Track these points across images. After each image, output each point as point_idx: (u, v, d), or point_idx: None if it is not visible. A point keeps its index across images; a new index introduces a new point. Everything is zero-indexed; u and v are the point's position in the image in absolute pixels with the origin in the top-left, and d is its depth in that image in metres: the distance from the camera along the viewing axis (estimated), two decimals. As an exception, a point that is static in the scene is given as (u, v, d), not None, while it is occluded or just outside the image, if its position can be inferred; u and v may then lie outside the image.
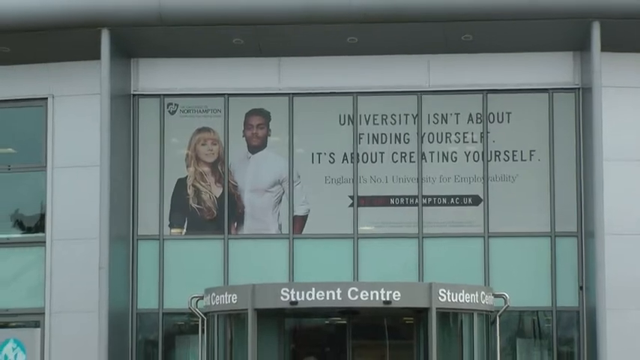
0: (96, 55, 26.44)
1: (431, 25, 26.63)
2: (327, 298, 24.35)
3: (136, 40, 27.48)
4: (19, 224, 28.46)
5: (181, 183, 28.17)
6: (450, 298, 24.87)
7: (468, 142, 27.91)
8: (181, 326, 27.80)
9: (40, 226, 27.89)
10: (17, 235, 28.35)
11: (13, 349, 24.78)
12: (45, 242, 27.46)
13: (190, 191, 28.15)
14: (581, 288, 27.19)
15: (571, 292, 27.30)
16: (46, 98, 27.82)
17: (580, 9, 26.24)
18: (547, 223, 27.53)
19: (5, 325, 26.78)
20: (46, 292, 27.23)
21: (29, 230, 28.26)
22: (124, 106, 27.82)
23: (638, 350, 25.85)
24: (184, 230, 28.13)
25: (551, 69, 27.78)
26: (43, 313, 27.10)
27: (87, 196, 26.67)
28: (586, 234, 27.00)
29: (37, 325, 26.73)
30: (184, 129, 28.30)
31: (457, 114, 27.88)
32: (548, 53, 27.71)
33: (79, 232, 26.90)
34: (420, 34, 27.01)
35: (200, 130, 28.29)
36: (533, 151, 27.75)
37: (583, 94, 27.40)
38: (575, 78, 27.68)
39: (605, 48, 26.15)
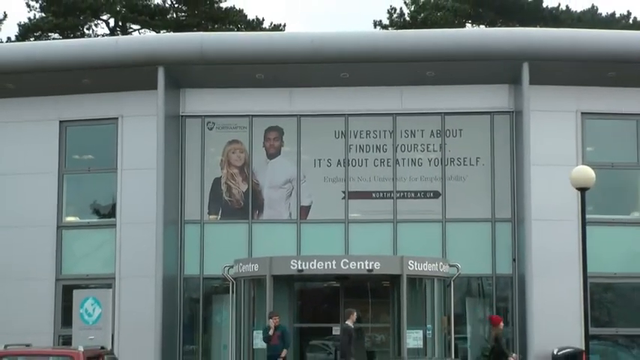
0: (154, 86, 26.91)
1: (404, 65, 27.17)
2: (325, 267, 25.07)
3: (184, 75, 27.92)
4: (97, 212, 28.97)
5: (217, 181, 28.49)
6: (417, 267, 25.38)
7: (430, 151, 28.24)
8: (217, 288, 28.06)
9: (112, 213, 28.25)
10: (95, 219, 28.83)
11: (92, 305, 24.62)
12: (115, 225, 27.84)
13: (223, 187, 28.47)
14: (514, 260, 27.46)
15: (506, 263, 27.62)
16: (117, 118, 28.19)
17: (513, 52, 26.81)
18: (489, 212, 27.88)
19: (86, 287, 26.87)
20: (116, 262, 27.60)
21: (104, 216, 28.68)
22: (175, 124, 28.18)
23: (555, 304, 25.92)
24: (219, 216, 28.44)
25: (493, 97, 28.13)
26: (114, 278, 27.49)
27: (147, 191, 26.83)
28: (518, 220, 27.33)
29: (109, 286, 26.77)
30: (219, 141, 28.63)
31: (422, 130, 28.23)
32: (490, 85, 28.05)
33: (141, 218, 27.12)
34: (396, 70, 27.48)
35: (231, 142, 28.60)
36: (479, 158, 28.11)
37: (516, 116, 27.77)
38: (510, 104, 28.02)
39: (532, 81, 26.67)
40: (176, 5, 54.29)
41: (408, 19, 54.48)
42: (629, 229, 27.80)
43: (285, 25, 54.21)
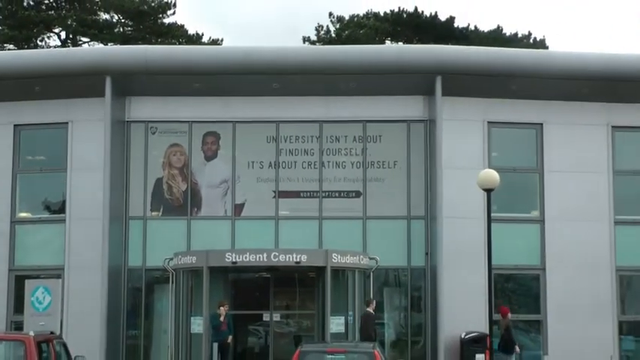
0: (101, 94, 26.73)
1: (329, 76, 27.31)
2: (257, 259, 25.17)
3: (129, 84, 27.74)
4: (48, 208, 28.59)
5: (159, 181, 28.30)
6: (340, 260, 25.55)
7: (352, 155, 28.28)
8: (158, 278, 27.79)
9: (62, 209, 27.89)
10: (46, 215, 28.46)
11: (42, 293, 24.42)
12: (65, 221, 27.54)
13: (165, 187, 28.29)
14: (427, 254, 27.55)
15: (420, 256, 27.73)
16: (68, 122, 27.89)
17: (428, 67, 27.09)
18: (405, 210, 27.97)
19: (37, 277, 26.40)
20: (65, 255, 27.30)
21: (55, 212, 28.27)
22: (120, 128, 27.96)
23: (462, 293, 26.11)
24: (160, 213, 28.26)
25: (409, 107, 28.22)
26: (63, 269, 27.19)
27: (94, 189, 26.61)
28: (430, 217, 27.47)
29: (59, 276, 26.47)
30: (161, 144, 28.44)
31: (346, 136, 28.29)
32: (407, 96, 28.14)
33: (88, 214, 26.84)
34: (322, 82, 27.56)
35: (172, 145, 28.42)
36: (396, 161, 28.20)
37: (430, 124, 27.91)
38: (425, 113, 28.16)
39: (444, 93, 26.92)
40: (123, 20, 53.96)
41: (333, 35, 54.70)
42: (528, 225, 28.13)
43: (222, 40, 54.16)
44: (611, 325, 27.60)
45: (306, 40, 55.08)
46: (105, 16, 53.92)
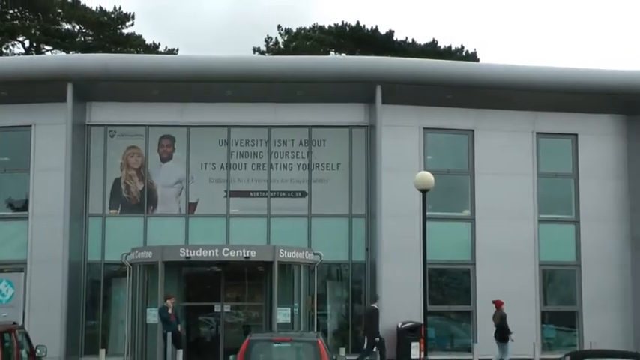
0: (63, 99, 26.45)
1: (277, 85, 27.25)
2: (209, 254, 25.00)
3: (90, 90, 27.47)
4: (11, 206, 28.20)
5: (117, 181, 28.08)
6: (286, 255, 25.47)
7: (299, 158, 28.25)
8: (116, 272, 27.44)
9: (25, 207, 27.59)
10: (10, 213, 28.08)
11: (6, 286, 24.20)
12: (28, 218, 27.28)
13: (123, 186, 28.07)
14: (367, 249, 27.64)
15: (361, 252, 27.82)
16: (31, 126, 27.62)
17: (368, 77, 27.17)
18: (347, 209, 28.03)
19: (1, 270, 26.08)
20: (28, 250, 27.03)
21: (18, 210, 27.93)
22: (81, 132, 27.68)
23: (400, 286, 26.11)
24: (119, 211, 28.03)
25: (351, 113, 28.29)
26: (26, 263, 26.91)
27: (56, 189, 26.33)
28: (371, 216, 27.56)
29: (21, 270, 26.24)
30: (119, 147, 28.20)
31: (292, 140, 28.26)
32: (349, 103, 28.20)
33: (50, 212, 26.60)
34: (271, 89, 27.50)
35: (130, 148, 28.20)
36: (339, 164, 28.24)
37: (370, 130, 27.99)
38: (366, 119, 28.21)
39: (384, 101, 27.04)
40: (84, 30, 53.45)
41: (281, 46, 54.61)
42: (460, 224, 28.34)
43: (177, 50, 53.86)
44: (534, 314, 27.95)
45: (256, 50, 54.95)
46: (67, 26, 53.36)
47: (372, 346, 24.68)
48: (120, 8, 53.62)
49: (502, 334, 25.40)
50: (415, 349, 25.25)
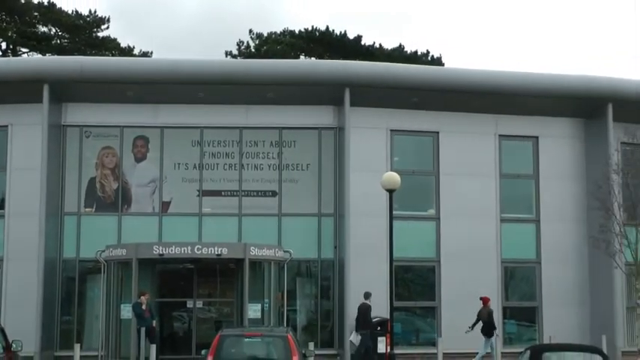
0: (40, 100, 26.21)
1: (249, 87, 27.24)
2: (182, 252, 24.97)
3: (65, 91, 27.28)
4: (-13, 204, 28.01)
5: (92, 180, 27.88)
6: (257, 253, 25.48)
7: (269, 158, 28.19)
8: (91, 269, 27.22)
9: (1, 205, 27.27)
10: (-15, 211, 27.87)
11: None
12: (4, 216, 26.99)
13: (98, 185, 27.89)
14: (335, 247, 27.65)
15: (329, 250, 27.82)
16: (7, 126, 27.38)
17: (337, 80, 27.24)
18: (316, 208, 28.00)
19: None
20: (4, 247, 26.75)
21: (-6, 208, 27.74)
22: (57, 132, 27.44)
23: (367, 282, 25.96)
24: (94, 209, 27.82)
25: (320, 115, 28.26)
26: (3, 260, 26.70)
27: (32, 187, 26.07)
28: (339, 215, 27.55)
29: (-2, 267, 26.10)
30: (95, 147, 28.01)
31: (263, 141, 28.18)
32: (319, 106, 28.18)
33: (26, 210, 26.33)
34: (243, 92, 27.44)
35: (105, 148, 28.01)
36: (309, 164, 28.22)
37: (339, 131, 27.99)
38: (334, 121, 28.22)
39: (352, 104, 27.06)
40: (60, 33, 53.08)
41: (253, 50, 54.52)
42: (426, 222, 28.40)
43: (151, 52, 53.64)
44: (496, 310, 27.99)
45: (228, 54, 54.83)
46: (43, 28, 52.97)
47: (366, 339, 24.65)
48: (95, 12, 53.50)
49: (488, 329, 25.62)
50: (382, 344, 25.30)
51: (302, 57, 53.47)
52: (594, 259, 27.97)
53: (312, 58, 51.67)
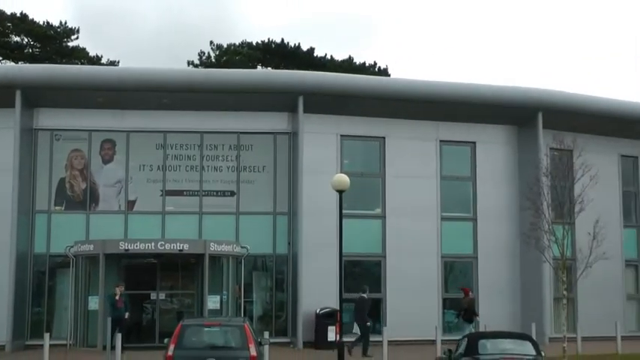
0: (12, 105, 25.86)
1: (210, 94, 27.18)
2: (146, 248, 24.96)
3: (37, 97, 26.98)
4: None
5: (62, 181, 27.60)
6: (216, 248, 25.49)
7: (228, 161, 28.08)
8: (60, 263, 26.86)
9: (-24, 204, 26.95)
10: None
11: None
12: (-22, 213, 26.67)
13: (67, 185, 27.62)
14: (289, 243, 27.65)
15: (284, 246, 27.81)
16: (-19, 129, 27.01)
17: (292, 89, 27.25)
18: (271, 207, 28.01)
19: None
20: (-22, 243, 26.42)
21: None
22: (29, 135, 27.10)
23: (318, 276, 26.29)
24: (63, 207, 27.55)
25: (276, 121, 28.25)
26: (-23, 255, 26.32)
27: (5, 187, 25.62)
28: (292, 213, 27.56)
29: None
30: (64, 149, 27.72)
31: (223, 145, 28.06)
32: (275, 112, 28.14)
33: (-1, 207, 26.14)
34: (204, 98, 27.35)
35: (74, 150, 27.75)
36: (265, 166, 28.17)
37: (293, 136, 27.98)
38: (289, 127, 28.23)
39: (305, 111, 27.11)
40: (32, 42, 52.44)
41: (213, 60, 54.34)
42: (372, 221, 28.55)
43: (118, 62, 53.15)
44: (436, 301, 28.34)
45: (190, 63, 54.56)
46: (16, 38, 52.33)
47: (364, 330, 24.71)
48: (65, 23, 52.99)
49: (470, 316, 26.01)
50: (331, 333, 25.31)
51: (259, 67, 53.39)
52: (525, 254, 28.32)
53: (269, 68, 51.62)
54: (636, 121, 31.05)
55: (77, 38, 53.22)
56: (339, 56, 54.65)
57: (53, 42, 52.07)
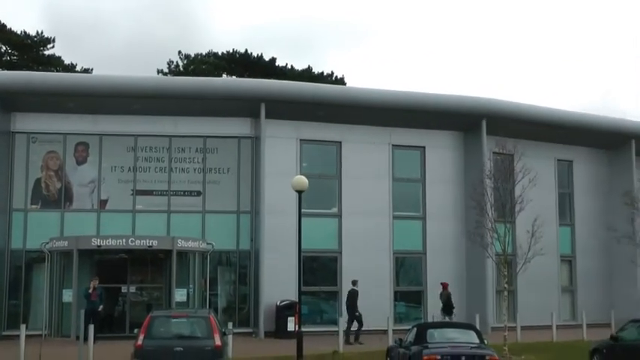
0: (-9, 109, 25.63)
1: (177, 100, 27.10)
2: (117, 244, 24.79)
3: (14, 102, 26.70)
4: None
5: (38, 181, 27.33)
6: (183, 244, 25.41)
7: (195, 163, 27.99)
8: (36, 258, 26.63)
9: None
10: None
11: None
12: (-42, 211, 26.31)
13: (43, 185, 27.35)
14: (251, 240, 27.62)
15: (246, 242, 27.76)
16: (-39, 132, 26.68)
17: (254, 96, 27.29)
18: (235, 206, 27.91)
19: None
20: (-43, 239, 26.11)
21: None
22: (6, 138, 26.85)
23: (279, 271, 26.25)
24: (39, 206, 27.24)
25: (240, 126, 28.18)
26: (-44, 251, 26.00)
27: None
28: (255, 212, 27.55)
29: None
30: (40, 151, 27.46)
31: (190, 148, 27.98)
32: (239, 117, 28.06)
33: (-22, 206, 25.79)
34: (172, 104, 27.25)
35: (49, 152, 27.49)
36: (229, 168, 28.10)
37: (256, 140, 27.94)
38: (252, 131, 28.17)
39: (267, 116, 27.10)
40: (10, 51, 51.70)
41: (182, 69, 54.05)
42: (329, 219, 28.63)
43: (92, 69, 52.60)
44: (388, 293, 28.49)
45: (159, 71, 54.20)
46: (-7, 46, 51.68)
47: (353, 320, 24.66)
48: (42, 32, 52.28)
49: (448, 308, 26.13)
50: (291, 323, 25.34)
51: (224, 75, 53.18)
52: (470, 250, 28.57)
53: (233, 77, 51.40)
54: (571, 127, 31.60)
55: (53, 47, 52.61)
56: (299, 66, 54.75)
57: (30, 50, 51.39)
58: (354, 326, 24.87)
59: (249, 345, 23.10)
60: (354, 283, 25.54)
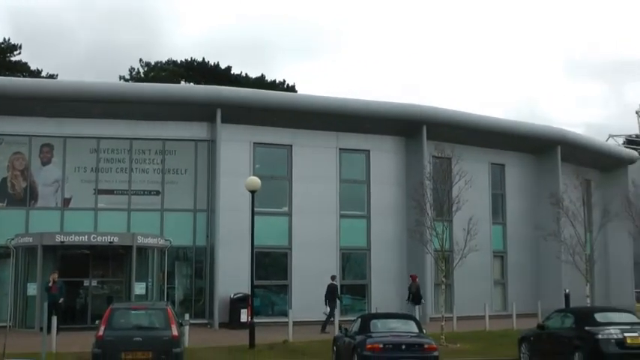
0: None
1: (138, 105, 26.86)
2: (80, 240, 24.53)
3: (-19, 105, 26.23)
4: None
5: (4, 180, 26.86)
6: (143, 241, 25.20)
7: (154, 164, 27.71)
8: (2, 254, 26.06)
9: None
10: None
11: None
12: None
13: (9, 184, 26.87)
14: (207, 237, 27.44)
15: (203, 238, 27.57)
16: None
17: (210, 101, 27.20)
18: (192, 204, 27.72)
19: None
20: None
21: None
22: (-27, 138, 26.41)
23: (233, 265, 26.17)
24: (5, 204, 26.76)
25: (197, 130, 27.97)
26: None
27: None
28: (211, 210, 27.41)
29: None
30: (7, 152, 26.98)
31: (150, 150, 27.68)
32: (196, 122, 27.86)
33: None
34: (133, 109, 26.96)
35: (15, 153, 27.03)
36: (187, 169, 27.91)
37: (212, 143, 27.78)
38: (208, 135, 27.97)
39: (223, 121, 27.07)
40: (-23, 57, 50.73)
41: (142, 75, 53.54)
42: (280, 217, 28.57)
43: (57, 75, 51.79)
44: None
45: (121, 77, 53.64)
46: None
47: (333, 310, 24.50)
48: (9, 39, 51.38)
49: (417, 299, 26.29)
50: (244, 315, 25.29)
51: (182, 82, 52.83)
52: (411, 246, 28.83)
53: (191, 83, 51.09)
54: (503, 134, 32.10)
55: (19, 53, 51.71)
56: (253, 74, 54.70)
57: (-4, 56, 50.46)
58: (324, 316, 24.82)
59: (204, 335, 22.97)
60: (333, 278, 25.79)
